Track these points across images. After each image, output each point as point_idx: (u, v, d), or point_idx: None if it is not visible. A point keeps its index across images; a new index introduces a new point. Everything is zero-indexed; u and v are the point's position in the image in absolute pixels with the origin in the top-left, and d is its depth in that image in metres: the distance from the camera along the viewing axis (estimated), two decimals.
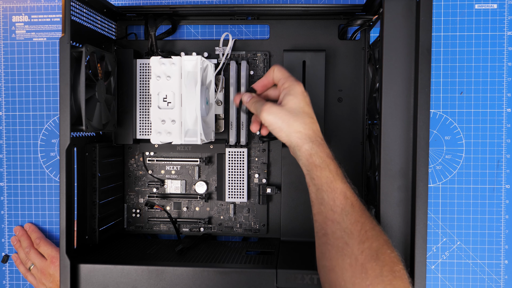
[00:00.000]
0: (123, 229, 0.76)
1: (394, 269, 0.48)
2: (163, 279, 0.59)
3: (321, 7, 0.69)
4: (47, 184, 0.80)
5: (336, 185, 0.53)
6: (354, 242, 0.50)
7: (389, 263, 0.49)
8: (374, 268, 0.48)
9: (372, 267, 0.48)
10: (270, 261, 0.62)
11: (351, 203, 0.52)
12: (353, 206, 0.52)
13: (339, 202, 0.52)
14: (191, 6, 0.71)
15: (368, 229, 0.51)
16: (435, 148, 0.76)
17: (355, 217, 0.51)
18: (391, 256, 0.49)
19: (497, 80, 0.75)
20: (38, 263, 0.76)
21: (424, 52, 0.54)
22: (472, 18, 0.75)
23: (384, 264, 0.48)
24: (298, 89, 0.58)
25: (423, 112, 0.54)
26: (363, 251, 0.49)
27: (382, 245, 0.50)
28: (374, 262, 0.48)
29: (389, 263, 0.49)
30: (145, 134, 0.71)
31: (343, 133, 0.73)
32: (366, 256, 0.49)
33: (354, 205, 0.52)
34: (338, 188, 0.53)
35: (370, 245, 0.50)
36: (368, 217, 0.52)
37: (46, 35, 0.80)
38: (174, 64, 0.63)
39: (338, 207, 0.52)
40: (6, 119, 0.80)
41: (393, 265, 0.49)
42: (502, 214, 0.75)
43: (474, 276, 0.75)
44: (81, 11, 0.62)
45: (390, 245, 0.51)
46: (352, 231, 0.51)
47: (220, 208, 0.75)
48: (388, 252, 0.49)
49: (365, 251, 0.49)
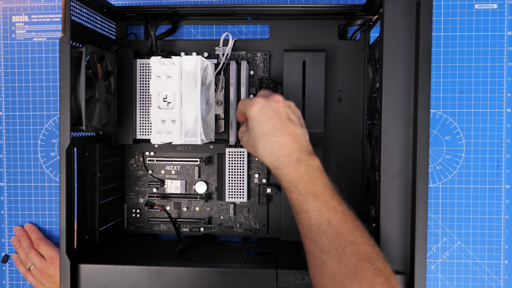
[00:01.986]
0: (123, 229, 0.76)
1: (374, 283, 0.47)
2: (163, 279, 0.59)
3: (321, 7, 0.69)
4: (47, 184, 0.80)
5: (308, 206, 0.51)
6: (332, 261, 0.49)
7: (369, 277, 0.47)
8: (353, 285, 0.47)
9: (351, 284, 0.47)
10: (270, 261, 0.62)
11: (327, 221, 0.50)
12: (329, 223, 0.50)
13: (314, 221, 0.51)
14: (191, 6, 0.71)
15: (346, 245, 0.49)
16: (435, 148, 0.76)
17: (332, 235, 0.50)
18: (371, 269, 0.48)
19: (497, 80, 0.75)
20: (37, 263, 0.76)
21: (424, 52, 0.54)
22: (472, 18, 0.75)
23: (363, 279, 0.47)
24: (252, 112, 0.55)
25: (423, 112, 0.54)
26: (341, 269, 0.48)
27: (361, 259, 0.48)
28: (353, 279, 0.47)
29: (368, 277, 0.47)
30: (145, 134, 0.71)
31: (343, 133, 0.73)
32: (345, 274, 0.48)
33: (331, 222, 0.50)
34: (311, 208, 0.51)
35: (348, 261, 0.48)
36: (348, 231, 0.50)
37: (46, 35, 0.80)
38: (174, 64, 0.63)
39: (314, 226, 0.51)
40: (6, 119, 0.80)
41: (373, 278, 0.47)
42: (502, 214, 0.75)
43: (474, 276, 0.75)
44: (81, 11, 0.62)
45: (373, 256, 0.49)
46: (330, 249, 0.49)
47: (220, 208, 0.75)
48: (368, 266, 0.48)
49: (343, 269, 0.48)
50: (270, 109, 0.55)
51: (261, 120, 0.55)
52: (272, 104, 0.55)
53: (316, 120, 0.69)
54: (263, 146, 0.54)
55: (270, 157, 0.54)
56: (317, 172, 0.53)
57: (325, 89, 0.70)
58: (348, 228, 0.50)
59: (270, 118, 0.54)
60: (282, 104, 0.56)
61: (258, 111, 0.55)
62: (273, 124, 0.54)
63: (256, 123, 0.55)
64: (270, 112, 0.55)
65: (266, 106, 0.55)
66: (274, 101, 0.56)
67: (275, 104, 0.55)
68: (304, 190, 0.52)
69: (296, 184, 0.52)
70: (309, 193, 0.51)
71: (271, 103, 0.55)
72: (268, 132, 0.54)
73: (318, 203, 0.51)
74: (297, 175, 0.52)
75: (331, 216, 0.50)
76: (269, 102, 0.55)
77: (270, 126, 0.54)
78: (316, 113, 0.69)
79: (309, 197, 0.51)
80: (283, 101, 0.56)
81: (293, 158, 0.53)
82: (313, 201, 0.51)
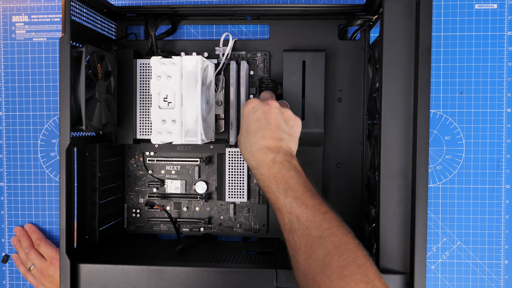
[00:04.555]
0: (123, 229, 0.76)
1: (343, 274, 0.45)
2: (163, 279, 0.59)
3: (321, 7, 0.69)
4: (47, 184, 0.80)
5: (280, 204, 0.52)
6: (302, 258, 0.49)
7: (337, 270, 0.46)
8: (324, 280, 0.46)
9: (321, 279, 0.46)
10: (270, 261, 0.62)
11: (296, 218, 0.50)
12: (298, 220, 0.50)
13: (287, 220, 0.51)
14: (191, 6, 0.71)
15: (314, 240, 0.48)
16: (435, 148, 0.76)
17: (301, 232, 0.50)
18: (338, 261, 0.46)
19: (497, 80, 0.75)
20: (38, 263, 0.76)
21: (424, 52, 0.54)
22: (472, 18, 0.75)
23: (332, 272, 0.46)
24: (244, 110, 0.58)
25: (423, 112, 0.54)
26: (311, 265, 0.48)
27: (328, 253, 0.47)
28: (322, 273, 0.46)
29: (337, 270, 0.46)
30: (145, 134, 0.71)
31: (343, 133, 0.73)
32: (314, 270, 0.47)
33: (300, 218, 0.50)
34: (282, 206, 0.52)
35: (316, 257, 0.47)
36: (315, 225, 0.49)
37: (46, 35, 0.80)
38: (175, 64, 0.63)
39: (287, 225, 0.51)
40: (6, 119, 0.80)
41: (341, 270, 0.45)
42: (502, 214, 0.75)
43: (474, 276, 0.75)
44: (81, 11, 0.62)
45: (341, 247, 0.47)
46: (300, 247, 0.49)
47: (220, 208, 0.75)
48: (336, 258, 0.46)
49: (313, 265, 0.47)
50: (261, 110, 0.57)
51: (249, 119, 0.57)
52: (264, 107, 0.57)
53: (316, 120, 0.69)
54: (245, 144, 0.57)
55: (249, 155, 0.56)
56: (291, 171, 0.54)
57: (325, 89, 0.70)
58: (316, 223, 0.49)
59: (258, 119, 0.57)
60: (274, 109, 0.57)
61: (250, 110, 0.58)
62: (259, 125, 0.56)
63: (245, 121, 0.58)
64: (260, 113, 0.57)
65: (258, 107, 0.58)
66: (267, 105, 0.58)
67: (267, 107, 0.57)
68: (276, 188, 0.53)
69: (269, 183, 0.54)
70: (281, 191, 0.52)
71: (264, 105, 0.58)
72: (252, 131, 0.56)
73: (288, 200, 0.52)
74: (270, 174, 0.54)
75: (300, 212, 0.51)
76: (262, 104, 0.58)
77: (255, 126, 0.56)
78: (316, 113, 0.69)
79: (281, 195, 0.52)
80: (277, 107, 0.58)
81: (269, 158, 0.55)
82: (284, 199, 0.52)
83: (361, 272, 0.45)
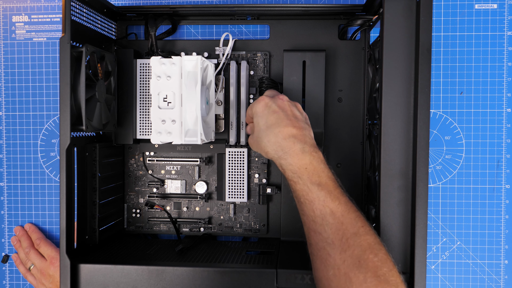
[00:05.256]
0: (123, 229, 0.76)
1: (377, 274, 0.47)
2: (163, 279, 0.59)
3: (321, 7, 0.69)
4: (47, 184, 0.80)
5: (312, 196, 0.52)
6: (336, 252, 0.49)
7: (372, 269, 0.47)
8: (358, 277, 0.47)
9: (355, 276, 0.47)
10: (270, 261, 0.62)
11: (331, 211, 0.51)
12: (333, 214, 0.51)
13: (318, 212, 0.51)
14: (191, 6, 0.71)
15: (349, 236, 0.49)
16: (435, 148, 0.76)
17: (336, 226, 0.50)
18: (374, 261, 0.48)
19: (497, 80, 0.75)
20: (38, 263, 0.76)
21: (424, 52, 0.54)
22: (472, 18, 0.75)
23: (367, 270, 0.47)
24: (258, 108, 0.58)
25: (423, 112, 0.54)
26: (345, 260, 0.48)
27: (364, 250, 0.49)
28: (357, 270, 0.47)
29: (372, 269, 0.47)
30: (145, 134, 0.71)
31: (343, 133, 0.73)
32: (349, 265, 0.48)
33: (335, 213, 0.51)
34: (315, 198, 0.52)
35: (351, 253, 0.48)
36: (351, 222, 0.50)
37: (46, 35, 0.80)
38: (175, 64, 0.63)
39: (318, 217, 0.51)
40: (6, 119, 0.80)
41: (376, 270, 0.47)
42: (502, 214, 0.75)
43: (474, 276, 0.75)
44: (81, 11, 0.62)
45: (375, 247, 0.49)
46: (334, 241, 0.50)
47: (220, 208, 0.75)
48: (371, 257, 0.48)
49: (347, 260, 0.48)
50: (275, 104, 0.58)
51: (266, 114, 0.57)
52: (277, 101, 0.58)
53: (316, 120, 0.69)
54: (267, 137, 0.56)
55: (274, 146, 0.55)
56: (321, 164, 0.54)
57: (325, 89, 0.70)
58: (351, 219, 0.50)
59: (275, 111, 0.57)
60: (287, 102, 0.59)
61: (263, 106, 0.58)
62: (278, 116, 0.56)
63: (261, 116, 0.57)
64: (275, 107, 0.57)
65: (271, 102, 0.58)
66: (279, 99, 0.59)
67: (280, 101, 0.58)
68: (309, 180, 0.52)
69: (301, 174, 0.53)
70: (314, 183, 0.52)
71: (276, 100, 0.58)
72: (272, 123, 0.56)
73: (322, 193, 0.52)
74: (302, 165, 0.53)
75: (334, 206, 0.51)
76: (274, 99, 0.58)
77: (275, 118, 0.56)
78: (316, 113, 0.69)
79: (314, 187, 0.52)
80: (289, 100, 0.59)
81: (298, 148, 0.54)
82: (317, 191, 0.52)
83: (392, 274, 0.48)
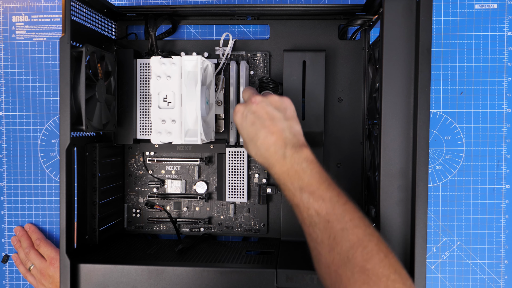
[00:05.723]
0: (123, 229, 0.76)
1: (366, 268, 0.46)
2: (163, 279, 0.59)
3: (321, 7, 0.69)
4: (47, 184, 0.80)
5: (297, 200, 0.52)
6: (325, 251, 0.49)
7: (360, 263, 0.46)
8: (346, 273, 0.47)
9: (344, 272, 0.47)
10: (270, 261, 0.62)
11: (316, 212, 0.50)
12: (318, 214, 0.50)
13: (305, 215, 0.51)
14: (191, 6, 0.71)
15: (336, 233, 0.49)
16: (435, 148, 0.76)
17: (322, 225, 0.50)
18: (362, 255, 0.47)
19: (497, 80, 0.75)
20: (37, 263, 0.76)
21: (424, 52, 0.54)
22: (472, 18, 0.75)
23: (355, 266, 0.46)
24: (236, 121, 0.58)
25: (423, 112, 0.54)
26: (334, 258, 0.48)
27: (352, 245, 0.48)
28: (345, 267, 0.47)
29: (360, 264, 0.46)
30: (145, 134, 0.71)
31: (343, 133, 0.73)
32: (337, 263, 0.48)
33: (319, 212, 0.50)
34: (299, 202, 0.51)
35: (340, 250, 0.48)
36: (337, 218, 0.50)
37: (46, 35, 0.80)
38: (175, 64, 0.63)
39: (306, 219, 0.51)
40: (6, 119, 0.80)
41: (364, 264, 0.46)
42: (502, 214, 0.75)
43: (474, 276, 0.75)
44: (81, 11, 0.62)
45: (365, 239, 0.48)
46: (323, 240, 0.49)
47: (220, 208, 0.75)
48: (359, 250, 0.47)
49: (336, 258, 0.48)
50: (250, 113, 0.56)
51: (244, 126, 0.57)
52: (251, 108, 0.57)
53: (316, 120, 0.69)
54: (253, 151, 0.57)
55: (261, 159, 0.56)
56: (303, 164, 0.53)
57: (325, 89, 0.70)
58: (337, 215, 0.50)
59: (252, 122, 0.56)
60: (260, 104, 0.57)
61: (240, 118, 0.57)
62: (255, 128, 0.56)
63: (242, 129, 0.57)
64: (250, 116, 0.56)
65: (246, 111, 0.57)
66: (252, 104, 0.57)
67: (254, 106, 0.57)
68: (292, 185, 0.52)
69: (284, 181, 0.53)
70: (296, 188, 0.52)
71: (250, 106, 0.57)
72: (253, 136, 0.56)
73: (305, 195, 0.51)
74: (283, 172, 0.53)
75: (318, 206, 0.50)
76: (248, 106, 0.57)
77: (253, 130, 0.56)
78: (316, 113, 0.69)
79: (297, 192, 0.52)
80: (262, 100, 0.57)
81: (279, 155, 0.54)
82: (300, 195, 0.52)
83: (383, 265, 0.46)
